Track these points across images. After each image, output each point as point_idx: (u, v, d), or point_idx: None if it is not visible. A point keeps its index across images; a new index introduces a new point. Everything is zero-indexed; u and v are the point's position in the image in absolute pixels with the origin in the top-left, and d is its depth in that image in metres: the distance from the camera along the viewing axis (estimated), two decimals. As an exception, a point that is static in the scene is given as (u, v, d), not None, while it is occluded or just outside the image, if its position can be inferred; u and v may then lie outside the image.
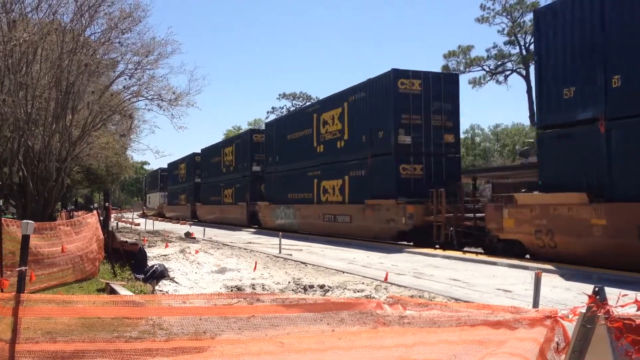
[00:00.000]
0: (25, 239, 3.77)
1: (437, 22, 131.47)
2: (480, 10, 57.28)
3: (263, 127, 44.91)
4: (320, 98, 35.62)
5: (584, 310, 2.05)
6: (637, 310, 2.02)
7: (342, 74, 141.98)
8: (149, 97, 25.20)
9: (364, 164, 23.93)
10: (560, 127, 14.42)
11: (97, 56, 22.83)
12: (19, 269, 3.47)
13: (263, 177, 36.80)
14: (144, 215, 64.88)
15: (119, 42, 23.25)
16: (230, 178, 42.22)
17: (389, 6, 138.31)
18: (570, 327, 2.10)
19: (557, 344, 2.10)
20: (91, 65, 21.67)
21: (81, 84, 21.55)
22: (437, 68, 61.42)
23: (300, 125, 30.80)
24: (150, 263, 13.27)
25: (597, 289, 2.07)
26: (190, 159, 55.50)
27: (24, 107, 20.47)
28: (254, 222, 37.38)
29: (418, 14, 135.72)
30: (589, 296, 2.05)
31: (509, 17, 55.95)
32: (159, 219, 57.87)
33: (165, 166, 69.23)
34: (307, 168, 29.25)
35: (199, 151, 54.98)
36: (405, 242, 21.40)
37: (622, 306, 2.04)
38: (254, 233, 32.32)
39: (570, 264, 13.38)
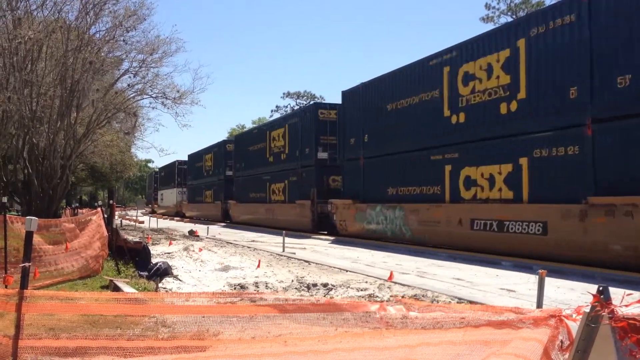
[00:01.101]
0: (29, 235, 3.77)
1: (441, 21, 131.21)
2: (485, 9, 57.22)
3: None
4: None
5: (588, 310, 2.04)
6: (642, 311, 2.00)
7: (346, 73, 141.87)
8: (154, 95, 25.30)
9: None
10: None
11: (102, 54, 22.91)
12: (23, 265, 3.48)
13: (337, 167, 27.03)
14: (151, 214, 63.49)
15: (124, 40, 23.34)
16: (281, 169, 32.88)
17: (393, 6, 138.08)
18: (574, 326, 2.09)
19: (562, 342, 2.09)
20: (96, 63, 21.74)
21: (86, 81, 21.61)
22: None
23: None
24: (154, 260, 13.28)
25: (601, 288, 2.05)
26: (219, 149, 46.38)
27: (29, 105, 20.54)
28: (322, 227, 27.95)
29: (423, 13, 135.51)
30: (593, 295, 2.04)
31: (514, 16, 55.84)
32: (176, 219, 53.20)
33: (179, 159, 62.03)
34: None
35: (231, 138, 52.23)
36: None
37: (626, 306, 2.03)
38: (333, 242, 23.63)
39: (575, 264, 13.33)
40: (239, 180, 40.57)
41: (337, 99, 27.50)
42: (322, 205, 27.46)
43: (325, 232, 27.31)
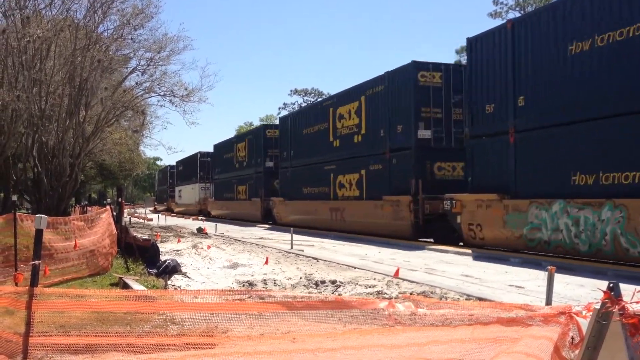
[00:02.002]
0: (39, 233, 3.79)
1: (450, 17, 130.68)
2: (493, 5, 56.87)
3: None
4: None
5: (598, 307, 2.03)
6: (653, 307, 1.99)
7: (353, 70, 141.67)
8: (161, 93, 25.39)
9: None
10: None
11: (110, 52, 23.01)
12: (33, 263, 3.50)
13: (445, 150, 21.06)
14: (163, 212, 60.27)
15: (132, 39, 23.43)
16: (352, 156, 25.16)
17: (400, 2, 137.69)
18: (585, 323, 2.08)
19: (572, 338, 2.08)
20: (104, 61, 21.84)
21: (94, 80, 21.71)
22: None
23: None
24: (162, 258, 13.34)
25: (611, 284, 2.04)
26: (256, 135, 39.15)
27: (38, 103, 20.66)
28: (429, 232, 20.52)
29: (431, 9, 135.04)
30: (604, 292, 2.03)
31: (522, 12, 55.52)
32: (201, 218, 46.87)
33: (201, 151, 55.86)
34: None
35: (266, 122, 51.56)
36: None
37: (637, 302, 2.01)
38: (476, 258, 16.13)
39: (583, 260, 13.27)
40: (287, 173, 32.66)
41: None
42: (430, 201, 20.23)
43: (432, 240, 20.23)
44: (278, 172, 34.30)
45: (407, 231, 20.67)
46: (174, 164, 68.73)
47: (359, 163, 24.49)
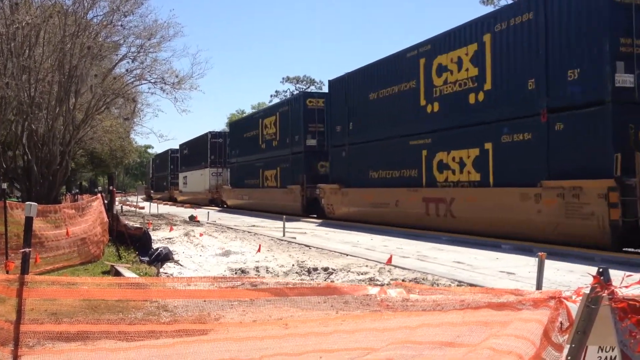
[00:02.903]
0: (29, 220, 3.77)
1: (443, 3, 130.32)
2: (485, -9, 56.61)
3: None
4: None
5: (587, 291, 2.05)
6: (642, 291, 2.01)
7: (344, 58, 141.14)
8: (152, 81, 25.23)
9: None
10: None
11: (100, 39, 22.81)
12: (23, 250, 3.48)
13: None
14: (148, 199, 59.30)
15: (121, 25, 23.24)
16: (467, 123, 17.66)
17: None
18: (574, 308, 2.10)
19: (561, 323, 2.10)
20: (94, 48, 21.65)
21: (84, 67, 21.52)
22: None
23: None
24: (154, 246, 13.33)
25: (601, 269, 2.06)
26: (292, 106, 31.40)
27: (28, 91, 20.48)
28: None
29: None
30: (593, 277, 2.04)
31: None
32: (216, 208, 41.53)
33: (212, 130, 49.85)
34: None
35: (299, 90, 47.83)
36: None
37: (626, 287, 2.03)
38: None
39: (573, 247, 13.38)
40: (342, 152, 25.13)
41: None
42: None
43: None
44: (325, 152, 27.62)
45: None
46: (177, 147, 61.85)
47: (480, 133, 16.93)
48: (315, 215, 28.33)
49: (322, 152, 28.42)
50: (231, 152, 42.83)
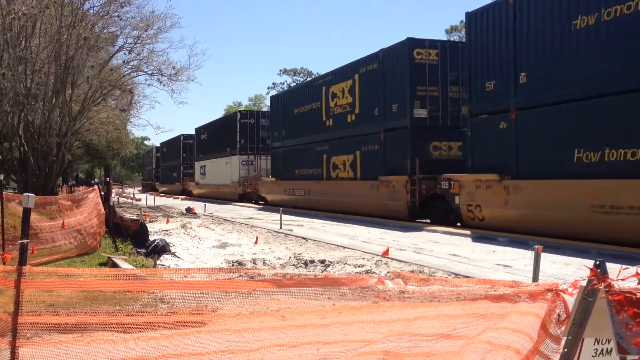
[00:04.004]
0: (26, 212, 3.77)
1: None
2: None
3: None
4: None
5: (584, 284, 2.05)
6: (639, 284, 2.02)
7: (343, 50, 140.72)
8: (149, 72, 25.12)
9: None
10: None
11: (96, 30, 22.67)
12: (20, 242, 3.48)
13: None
14: (143, 191, 58.36)
15: (118, 16, 23.07)
16: None
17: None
18: (571, 300, 2.11)
19: (559, 315, 2.11)
20: (90, 39, 21.52)
21: (80, 58, 21.41)
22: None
23: None
24: (151, 238, 13.33)
25: (598, 262, 2.06)
26: (385, 62, 22.37)
27: (24, 82, 20.38)
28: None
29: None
30: (590, 269, 2.05)
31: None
32: (253, 206, 34.41)
33: (241, 110, 45.34)
34: None
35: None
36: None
37: (623, 279, 2.04)
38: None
39: (569, 240, 13.41)
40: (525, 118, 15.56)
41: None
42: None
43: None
44: (440, 128, 20.87)
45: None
46: (191, 132, 55.47)
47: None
48: (428, 220, 19.99)
49: (435, 128, 20.64)
50: (273, 135, 34.43)
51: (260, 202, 35.85)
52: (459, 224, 17.93)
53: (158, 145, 72.39)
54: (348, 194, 24.84)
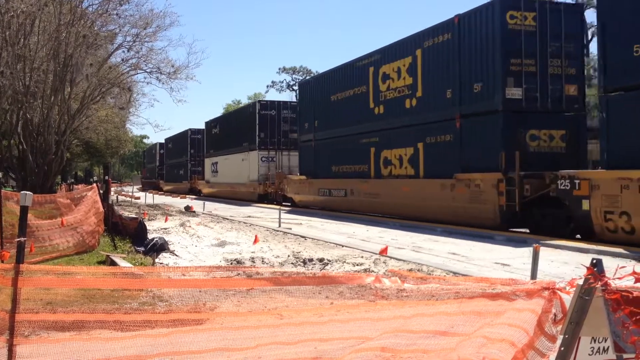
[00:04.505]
0: (24, 210, 3.76)
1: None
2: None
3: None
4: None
5: (581, 282, 2.06)
6: (635, 283, 2.02)
7: (342, 49, 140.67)
8: (148, 70, 25.11)
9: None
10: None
11: (95, 28, 22.65)
12: (18, 239, 3.48)
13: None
14: (143, 189, 58.37)
15: (117, 14, 23.05)
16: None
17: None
18: (568, 299, 2.11)
19: (555, 315, 2.11)
20: (89, 37, 21.50)
21: (79, 56, 21.39)
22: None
23: None
24: (150, 236, 13.33)
25: (595, 261, 2.07)
26: (463, 29, 17.86)
27: (23, 80, 20.36)
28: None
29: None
30: (587, 268, 2.05)
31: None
32: (267, 205, 31.98)
33: (260, 100, 40.64)
34: None
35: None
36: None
37: (619, 278, 2.04)
38: None
39: (567, 240, 13.42)
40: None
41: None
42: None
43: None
44: (540, 114, 16.55)
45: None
46: (200, 127, 51.53)
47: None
48: (527, 230, 15.93)
49: (532, 112, 16.40)
50: (302, 127, 29.99)
51: (284, 203, 31.02)
52: (578, 236, 13.97)
53: (162, 141, 68.72)
54: (407, 196, 20.24)
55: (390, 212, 21.56)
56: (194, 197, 46.12)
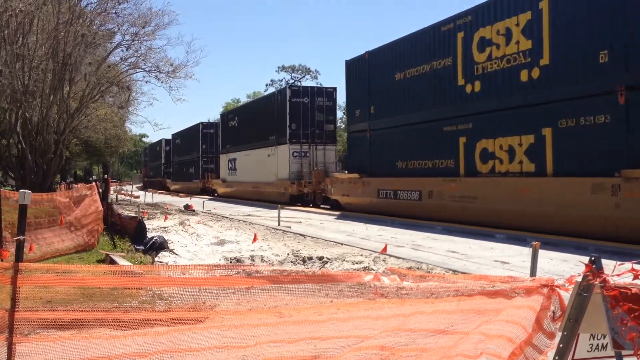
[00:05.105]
0: (23, 208, 3.77)
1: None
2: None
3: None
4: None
5: (580, 279, 2.06)
6: (634, 279, 2.02)
7: (340, 47, 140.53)
8: (147, 69, 25.08)
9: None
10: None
11: (94, 27, 22.62)
12: (17, 238, 3.48)
13: None
14: (141, 188, 58.30)
15: (115, 13, 23.01)
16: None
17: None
18: (567, 296, 2.12)
19: (554, 312, 2.12)
20: (88, 36, 21.47)
21: (78, 55, 21.37)
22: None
23: None
24: (149, 235, 13.33)
25: (593, 258, 2.07)
26: None
27: (21, 79, 20.34)
28: None
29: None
30: (586, 265, 2.06)
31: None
32: (299, 208, 27.82)
33: (292, 85, 36.00)
34: None
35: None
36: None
37: (618, 275, 2.04)
38: None
39: (567, 237, 13.42)
40: None
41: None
42: None
43: None
44: None
45: None
46: (215, 120, 46.57)
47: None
48: None
49: None
50: (353, 115, 24.75)
51: (323, 205, 27.42)
52: None
53: (167, 137, 64.75)
54: (528, 201, 14.93)
55: (497, 221, 15.79)
56: (207, 197, 42.85)
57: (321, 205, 27.15)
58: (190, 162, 53.08)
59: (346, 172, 25.96)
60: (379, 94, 22.51)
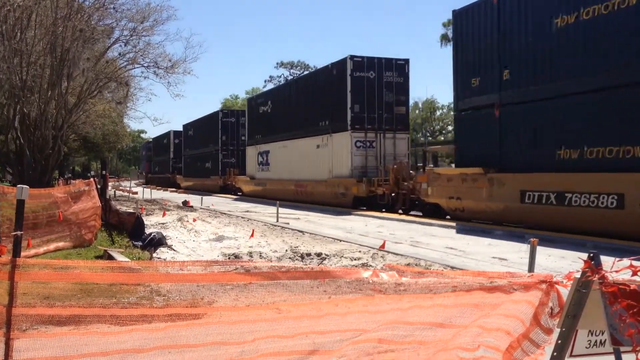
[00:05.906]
0: (20, 203, 3.76)
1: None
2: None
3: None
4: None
5: (578, 276, 2.06)
6: (632, 276, 2.02)
7: (339, 43, 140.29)
8: (145, 65, 25.06)
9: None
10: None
11: (92, 22, 22.57)
12: (15, 233, 3.47)
13: None
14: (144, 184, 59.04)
15: (114, 8, 22.99)
16: None
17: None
18: (565, 292, 2.11)
19: (552, 309, 2.12)
20: (86, 31, 21.43)
21: (76, 50, 21.33)
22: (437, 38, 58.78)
23: None
24: (147, 231, 13.31)
25: (592, 254, 2.07)
26: None
27: (19, 74, 20.31)
28: None
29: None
30: (584, 261, 2.05)
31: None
32: (375, 213, 21.65)
33: (365, 55, 23.47)
34: None
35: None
36: None
37: (616, 271, 2.04)
38: None
39: (565, 233, 13.43)
40: None
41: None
42: None
43: None
44: None
45: None
46: (225, 108, 41.15)
47: None
48: None
49: None
50: (465, 85, 18.24)
51: (410, 211, 21.22)
52: None
53: (176, 129, 59.28)
54: None
55: None
56: (232, 197, 36.96)
57: (410, 212, 21.07)
58: (207, 156, 46.52)
59: (453, 165, 20.21)
60: (522, 52, 15.74)
